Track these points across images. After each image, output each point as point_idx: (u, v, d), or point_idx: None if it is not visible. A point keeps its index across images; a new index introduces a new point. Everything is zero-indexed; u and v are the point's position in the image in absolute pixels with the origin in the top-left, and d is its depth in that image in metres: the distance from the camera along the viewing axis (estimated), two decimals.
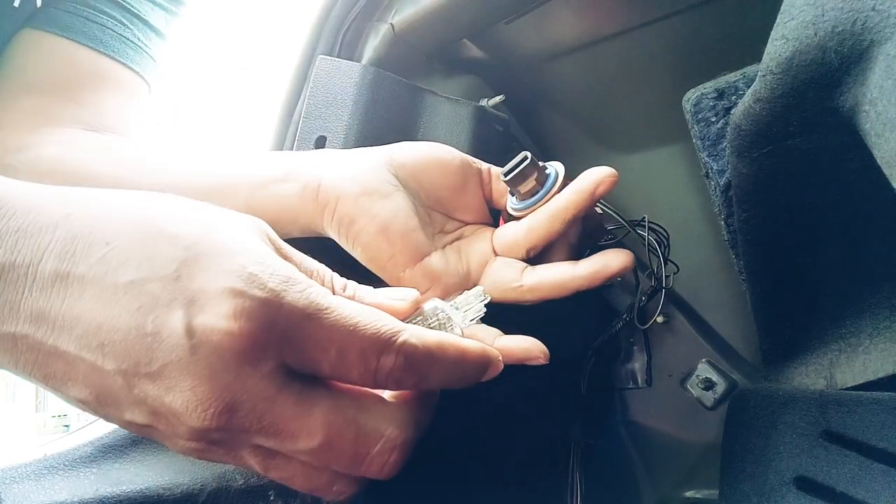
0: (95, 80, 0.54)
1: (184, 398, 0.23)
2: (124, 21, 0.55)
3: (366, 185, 0.42)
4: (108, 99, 0.55)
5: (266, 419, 0.24)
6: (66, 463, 0.42)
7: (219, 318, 0.23)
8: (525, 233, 0.42)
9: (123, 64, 0.55)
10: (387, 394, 0.29)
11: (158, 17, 0.57)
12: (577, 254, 0.45)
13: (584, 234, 0.45)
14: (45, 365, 0.24)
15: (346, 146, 0.53)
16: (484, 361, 0.30)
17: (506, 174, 0.42)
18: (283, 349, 0.24)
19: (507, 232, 0.44)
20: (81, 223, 0.24)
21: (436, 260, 0.43)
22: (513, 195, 0.44)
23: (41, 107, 0.52)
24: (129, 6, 0.55)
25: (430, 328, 0.32)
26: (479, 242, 0.45)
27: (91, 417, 0.49)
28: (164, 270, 0.23)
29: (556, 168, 0.44)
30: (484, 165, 0.46)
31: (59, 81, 0.53)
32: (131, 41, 0.55)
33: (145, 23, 0.56)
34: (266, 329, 0.23)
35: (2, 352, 0.24)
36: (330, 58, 0.56)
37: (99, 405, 0.25)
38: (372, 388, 0.27)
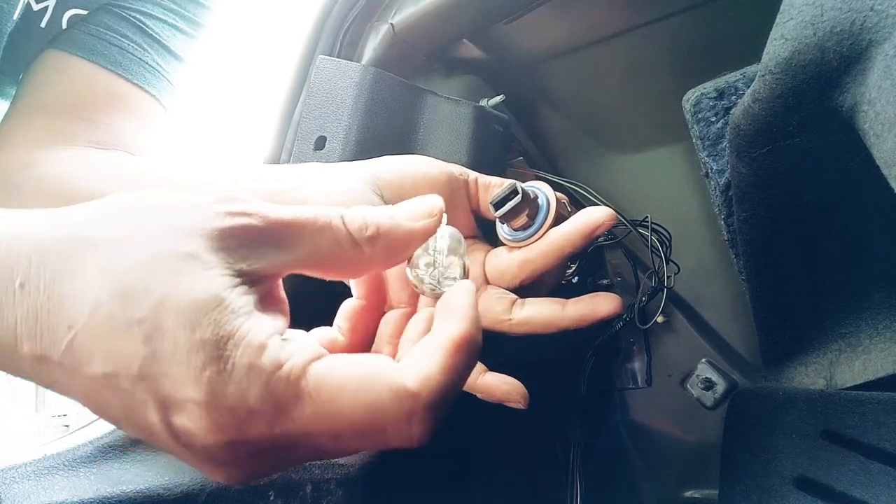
0: (112, 102, 0.55)
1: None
2: (144, 46, 0.56)
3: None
4: (122, 120, 0.56)
5: (280, 442, 0.23)
6: (66, 463, 0.42)
7: (196, 428, 0.22)
8: (518, 267, 0.43)
9: (141, 87, 0.56)
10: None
11: (178, 41, 0.58)
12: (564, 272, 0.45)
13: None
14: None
15: (345, 146, 0.53)
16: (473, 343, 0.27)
17: (496, 207, 0.41)
18: (271, 434, 0.23)
19: (500, 261, 0.44)
20: (36, 297, 0.23)
21: None
22: (504, 223, 0.43)
23: (54, 126, 0.53)
24: (150, 31, 0.56)
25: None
26: (471, 266, 0.45)
27: (91, 417, 0.49)
28: (129, 369, 0.22)
29: (546, 195, 0.43)
30: (471, 175, 0.46)
31: (76, 102, 0.54)
32: (150, 65, 0.56)
33: (165, 48, 0.57)
34: (243, 432, 0.22)
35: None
36: (330, 58, 0.56)
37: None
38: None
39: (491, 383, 0.41)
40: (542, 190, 0.43)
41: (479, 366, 0.42)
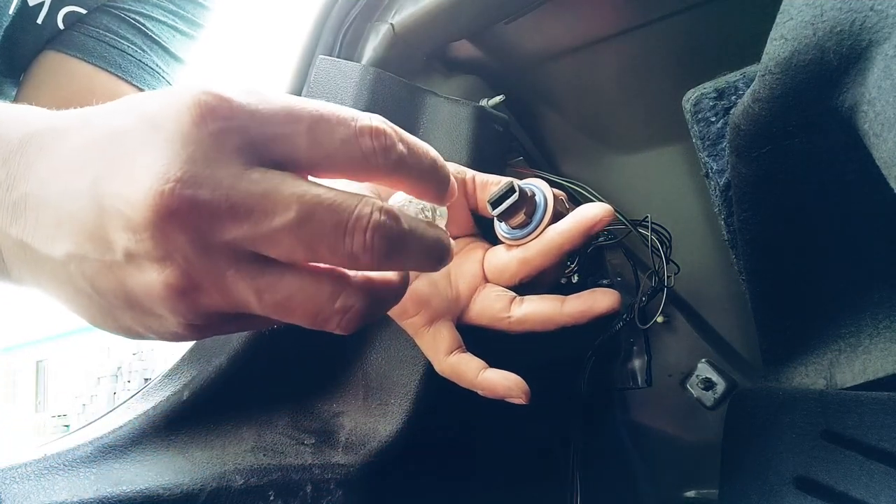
0: None
1: (145, 178, 0.23)
2: (144, 47, 0.56)
3: None
4: None
5: (234, 195, 0.23)
6: (66, 463, 0.42)
7: (178, 99, 0.23)
8: (517, 265, 0.43)
9: (141, 90, 0.56)
10: None
11: (178, 43, 0.58)
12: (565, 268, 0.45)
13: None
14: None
15: None
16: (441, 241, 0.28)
17: (493, 205, 0.42)
18: (249, 129, 0.24)
19: (499, 259, 0.44)
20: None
21: (422, 284, 0.43)
22: (501, 221, 0.43)
23: None
24: (150, 33, 0.56)
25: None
26: (469, 264, 0.45)
27: (91, 417, 0.49)
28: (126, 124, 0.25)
29: (543, 193, 0.43)
30: (469, 174, 0.46)
31: (76, 104, 0.54)
32: (150, 67, 0.56)
33: (165, 49, 0.57)
34: (230, 108, 0.24)
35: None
36: (330, 58, 0.56)
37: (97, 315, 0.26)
38: (358, 164, 0.27)
39: (493, 379, 0.41)
40: (539, 188, 0.43)
41: (481, 363, 0.42)
